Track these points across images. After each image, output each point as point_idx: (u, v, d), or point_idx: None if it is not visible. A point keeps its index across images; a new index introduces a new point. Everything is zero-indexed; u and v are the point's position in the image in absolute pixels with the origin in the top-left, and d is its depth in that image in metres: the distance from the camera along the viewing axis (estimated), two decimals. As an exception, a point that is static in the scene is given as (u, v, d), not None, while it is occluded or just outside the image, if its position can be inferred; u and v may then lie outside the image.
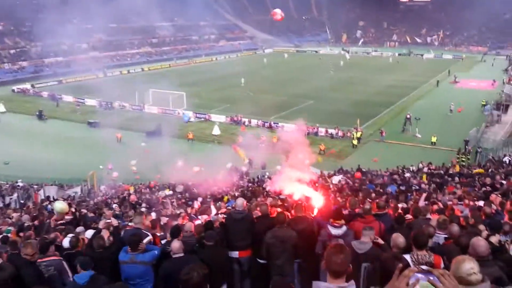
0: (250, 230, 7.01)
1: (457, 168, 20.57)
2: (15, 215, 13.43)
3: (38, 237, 7.60)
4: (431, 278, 2.32)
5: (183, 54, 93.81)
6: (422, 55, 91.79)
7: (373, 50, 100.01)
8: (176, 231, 7.09)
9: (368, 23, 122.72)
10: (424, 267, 4.58)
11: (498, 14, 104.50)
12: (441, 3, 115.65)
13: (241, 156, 27.22)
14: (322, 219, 6.75)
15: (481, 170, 18.53)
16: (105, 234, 6.66)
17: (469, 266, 3.22)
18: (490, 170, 17.64)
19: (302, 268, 6.56)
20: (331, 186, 16.68)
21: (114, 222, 9.38)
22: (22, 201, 20.92)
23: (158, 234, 8.48)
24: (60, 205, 11.74)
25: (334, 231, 6.09)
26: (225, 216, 8.97)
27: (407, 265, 4.49)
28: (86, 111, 45.37)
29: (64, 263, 5.76)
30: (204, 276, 3.76)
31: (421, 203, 9.86)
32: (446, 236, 6.17)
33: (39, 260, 5.79)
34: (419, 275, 2.33)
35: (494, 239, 5.57)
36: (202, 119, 42.03)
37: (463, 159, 28.45)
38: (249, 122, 40.07)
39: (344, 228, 6.14)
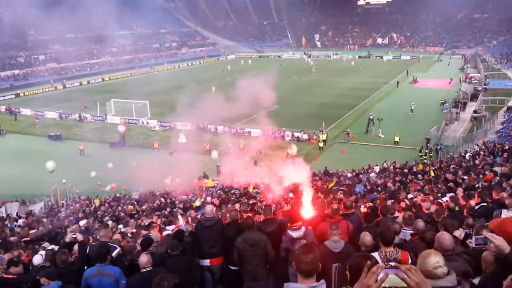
0: (221, 236, 6.98)
1: (421, 167, 21.13)
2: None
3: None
4: (399, 272, 2.37)
5: (144, 62, 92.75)
6: (381, 57, 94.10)
7: (333, 54, 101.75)
8: (146, 242, 6.98)
9: (328, 27, 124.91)
10: (392, 263, 4.66)
11: (452, 14, 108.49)
12: (398, 5, 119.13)
13: (209, 185, 27.00)
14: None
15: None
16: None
17: (434, 260, 3.31)
18: (451, 167, 18.19)
19: (273, 271, 6.56)
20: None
21: (79, 237, 9.13)
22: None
23: (126, 245, 8.34)
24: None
25: (294, 234, 6.14)
26: (194, 224, 8.89)
27: (375, 263, 4.55)
28: (46, 124, 44.09)
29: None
30: (175, 285, 3.72)
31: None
32: (412, 232, 6.31)
33: (4, 276, 5.64)
34: (388, 270, 2.38)
35: (458, 233, 5.73)
36: (167, 128, 41.55)
37: (425, 157, 29.27)
38: (216, 129, 39.88)
39: (303, 228, 6.21)
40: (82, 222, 14.61)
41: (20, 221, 17.45)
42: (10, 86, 67.04)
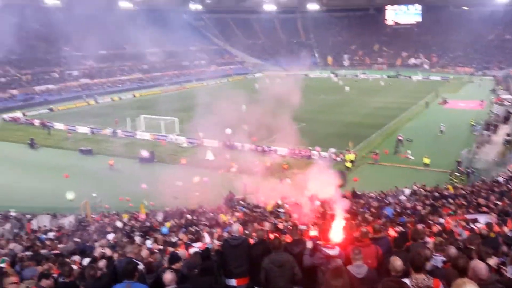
0: (247, 256, 6.95)
1: (451, 189, 20.65)
2: (10, 245, 13.26)
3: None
4: None
5: (173, 79, 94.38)
6: (410, 77, 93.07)
7: (361, 73, 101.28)
8: (174, 259, 7.04)
9: (356, 47, 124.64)
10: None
11: (483, 35, 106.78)
12: (427, 25, 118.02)
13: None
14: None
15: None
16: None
17: None
18: (483, 191, 17.73)
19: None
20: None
21: (108, 252, 9.29)
22: (15, 231, 20.61)
23: (153, 261, 8.42)
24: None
25: (331, 252, 6.13)
26: (220, 242, 8.91)
27: (407, 290, 4.48)
28: (78, 139, 45.20)
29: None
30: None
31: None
32: (444, 259, 6.17)
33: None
34: None
35: (492, 261, 5.58)
36: (195, 144, 41.99)
37: (456, 180, 28.57)
38: (242, 146, 40.05)
39: (338, 248, 6.21)
40: (111, 237, 14.82)
41: (51, 234, 17.86)
42: (44, 101, 69.09)
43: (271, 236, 8.56)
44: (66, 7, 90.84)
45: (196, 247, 11.08)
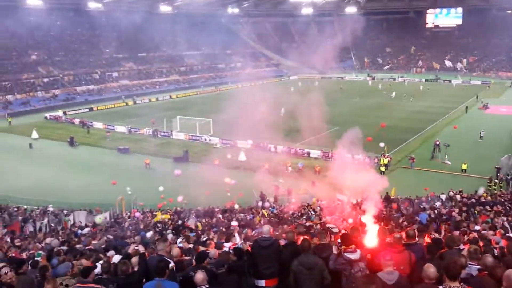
0: (277, 257, 6.92)
1: (485, 195, 19.92)
2: (47, 239, 13.70)
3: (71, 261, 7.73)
4: None
5: (209, 81, 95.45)
6: (450, 81, 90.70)
7: (399, 76, 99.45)
8: (201, 257, 7.09)
9: (394, 50, 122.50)
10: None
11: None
12: (468, 28, 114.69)
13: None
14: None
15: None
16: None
17: None
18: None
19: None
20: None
21: (141, 248, 9.43)
22: (52, 226, 21.31)
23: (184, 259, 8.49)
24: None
25: (353, 256, 6.04)
26: (251, 243, 8.91)
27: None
28: (116, 138, 46.34)
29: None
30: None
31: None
32: (479, 267, 5.96)
33: (78, 285, 5.86)
34: None
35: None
36: (228, 145, 42.28)
37: (494, 187, 27.63)
38: (275, 148, 40.05)
39: (359, 251, 6.11)
40: (149, 234, 15.02)
41: (86, 230, 18.37)
42: (85, 101, 71.41)
43: (300, 238, 8.49)
44: (108, 11, 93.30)
45: (227, 246, 11.15)
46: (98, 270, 7.08)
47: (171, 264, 6.48)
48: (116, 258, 8.48)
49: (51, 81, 75.99)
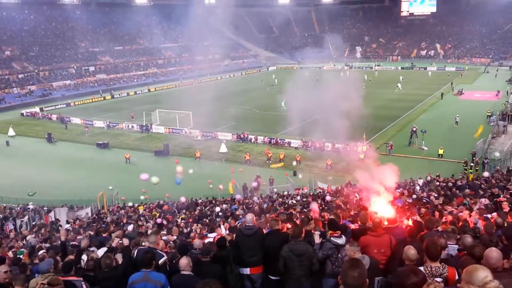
0: (261, 245, 6.99)
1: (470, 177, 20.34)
2: (28, 237, 13.57)
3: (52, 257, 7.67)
4: None
5: (188, 74, 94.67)
6: (425, 68, 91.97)
7: (375, 65, 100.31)
8: (183, 249, 7.11)
9: (370, 38, 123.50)
10: (438, 279, 4.57)
11: (499, 25, 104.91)
12: (442, 16, 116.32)
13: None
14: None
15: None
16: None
17: (483, 274, 3.13)
18: (497, 181, 17.54)
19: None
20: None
21: (125, 242, 9.43)
22: (33, 223, 21.04)
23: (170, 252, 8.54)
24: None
25: (339, 241, 6.17)
26: (235, 232, 8.96)
27: (423, 278, 4.48)
28: (95, 133, 45.77)
29: (84, 283, 5.74)
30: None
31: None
32: (459, 247, 6.15)
33: (59, 278, 5.82)
34: None
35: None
36: (209, 137, 42.20)
37: (470, 170, 28.31)
38: (256, 139, 40.19)
39: (344, 237, 6.23)
40: (130, 227, 15.01)
41: (67, 226, 18.18)
42: (62, 96, 70.10)
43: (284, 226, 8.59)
44: (83, 4, 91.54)
45: (211, 237, 11.22)
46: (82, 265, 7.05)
47: (164, 258, 6.44)
48: (100, 253, 8.44)
49: (26, 77, 74.34)
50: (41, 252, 9.64)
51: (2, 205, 25.50)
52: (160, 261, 6.06)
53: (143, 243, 7.87)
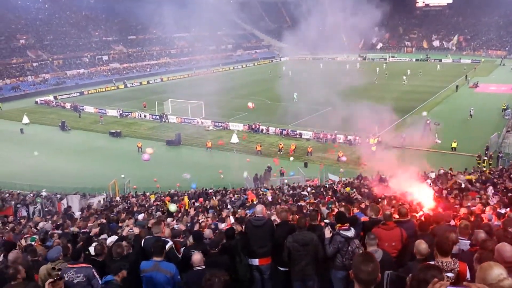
0: (271, 236, 6.98)
1: (468, 177, 19.77)
2: (40, 224, 13.71)
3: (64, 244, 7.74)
4: None
5: (201, 63, 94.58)
6: (440, 60, 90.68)
7: (390, 56, 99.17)
8: (198, 236, 7.15)
9: (385, 29, 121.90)
10: (449, 274, 4.50)
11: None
12: (458, 7, 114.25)
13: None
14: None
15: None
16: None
17: (497, 272, 3.05)
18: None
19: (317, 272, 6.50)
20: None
21: (136, 230, 9.47)
22: (46, 210, 21.30)
23: (180, 240, 8.57)
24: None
25: (349, 234, 6.12)
26: (245, 223, 8.95)
27: (441, 278, 4.40)
28: (108, 122, 46.05)
29: (94, 270, 5.79)
30: (225, 282, 3.76)
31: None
32: (471, 242, 6.06)
33: (68, 266, 5.87)
34: None
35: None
36: (221, 128, 42.23)
37: (484, 165, 27.95)
38: (267, 130, 40.10)
39: (353, 229, 6.18)
40: (141, 216, 15.11)
41: (78, 214, 18.37)
42: (75, 85, 70.54)
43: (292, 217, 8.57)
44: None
45: (221, 227, 11.25)
46: (92, 252, 7.09)
47: (170, 243, 6.47)
48: (111, 241, 8.50)
49: (40, 65, 74.91)
50: (53, 239, 9.72)
51: (15, 191, 25.83)
52: (166, 247, 6.05)
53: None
